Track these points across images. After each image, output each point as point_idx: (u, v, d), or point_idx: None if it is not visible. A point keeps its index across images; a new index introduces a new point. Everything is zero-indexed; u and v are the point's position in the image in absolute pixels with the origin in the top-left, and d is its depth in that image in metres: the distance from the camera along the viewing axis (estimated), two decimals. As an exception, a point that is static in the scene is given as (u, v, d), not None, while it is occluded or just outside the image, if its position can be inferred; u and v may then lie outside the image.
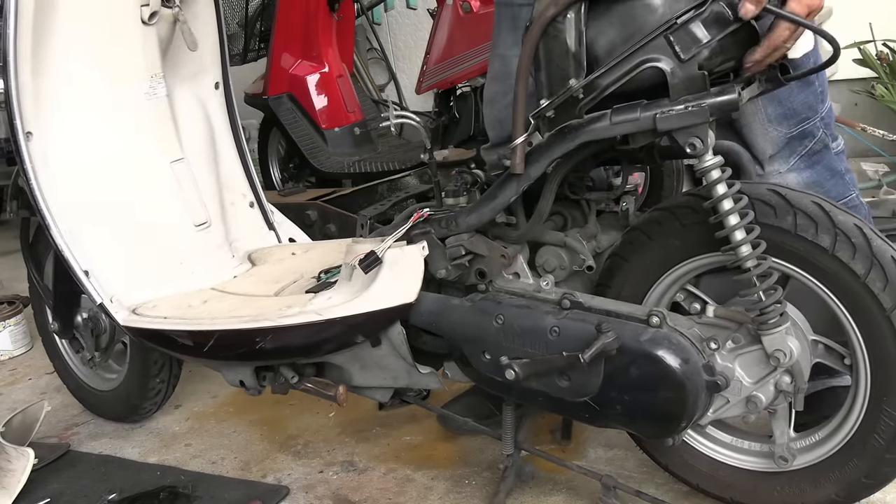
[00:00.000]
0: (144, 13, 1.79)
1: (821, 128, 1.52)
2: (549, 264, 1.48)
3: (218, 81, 2.04)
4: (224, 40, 2.03)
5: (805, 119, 1.50)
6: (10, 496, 1.72)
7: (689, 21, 1.17)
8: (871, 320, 1.23)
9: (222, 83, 2.05)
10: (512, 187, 1.36)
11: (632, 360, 1.29)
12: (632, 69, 1.21)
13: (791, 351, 1.29)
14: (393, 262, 1.46)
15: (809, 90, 1.50)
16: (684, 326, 1.32)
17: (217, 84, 2.04)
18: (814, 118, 1.51)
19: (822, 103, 1.53)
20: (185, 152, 1.94)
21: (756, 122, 1.49)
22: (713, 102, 1.18)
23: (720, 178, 1.24)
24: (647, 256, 1.38)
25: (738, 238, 1.24)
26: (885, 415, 1.26)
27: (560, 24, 1.24)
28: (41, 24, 1.66)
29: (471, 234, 1.44)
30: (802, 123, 1.50)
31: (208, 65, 2.01)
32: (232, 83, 2.08)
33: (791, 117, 1.49)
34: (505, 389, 1.46)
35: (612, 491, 1.50)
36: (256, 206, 2.11)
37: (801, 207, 1.24)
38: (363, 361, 1.56)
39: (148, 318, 1.71)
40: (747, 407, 1.35)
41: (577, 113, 1.26)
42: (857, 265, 1.21)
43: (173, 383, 2.11)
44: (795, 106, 1.49)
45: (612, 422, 1.38)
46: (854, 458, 1.31)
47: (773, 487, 1.41)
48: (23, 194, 1.82)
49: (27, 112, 1.67)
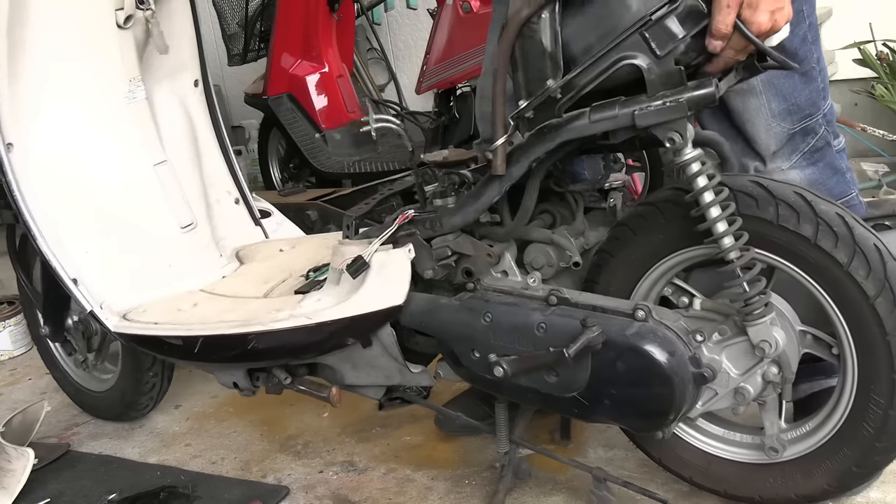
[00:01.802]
0: (119, 17, 1.78)
1: (823, 125, 1.51)
2: (537, 262, 1.48)
3: (197, 79, 2.03)
4: (201, 37, 2.01)
5: (808, 115, 1.50)
6: (10, 496, 1.73)
7: (663, 17, 1.18)
8: (856, 308, 1.23)
9: (202, 80, 2.04)
10: (494, 188, 1.37)
11: (618, 354, 1.29)
12: (608, 67, 1.22)
13: (776, 341, 1.29)
14: (380, 265, 1.46)
15: (812, 86, 1.49)
16: (670, 319, 1.32)
17: (196, 81, 2.03)
18: (816, 115, 1.50)
19: (823, 100, 1.52)
20: (168, 154, 1.94)
21: (759, 117, 1.49)
22: (691, 97, 1.18)
23: (700, 171, 1.24)
24: (632, 251, 1.38)
25: (720, 230, 1.24)
26: (872, 403, 1.26)
27: (535, 25, 1.25)
28: (15, 31, 1.65)
29: (456, 234, 1.45)
30: (805, 120, 1.50)
31: (187, 62, 2.00)
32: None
33: (794, 113, 1.49)
34: (495, 387, 1.46)
35: (602, 483, 1.50)
36: (242, 202, 2.11)
37: (783, 198, 1.24)
38: (354, 362, 1.57)
39: (139, 324, 1.72)
40: (735, 398, 1.34)
41: (556, 112, 1.27)
42: (840, 254, 1.21)
43: (168, 375, 2.11)
44: (799, 102, 1.48)
45: (602, 416, 1.38)
46: (844, 448, 1.31)
47: (765, 479, 1.40)
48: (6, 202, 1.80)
49: (6, 122, 1.66)
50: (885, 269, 1.20)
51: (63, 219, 1.74)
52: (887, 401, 1.24)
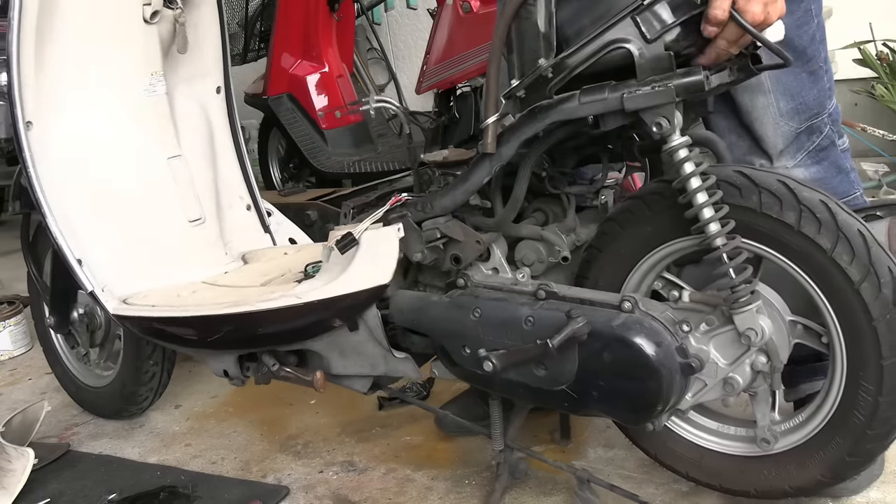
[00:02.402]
0: (146, 12, 1.83)
1: (828, 124, 1.51)
2: (528, 258, 1.49)
3: (219, 86, 2.06)
4: (227, 45, 2.05)
5: (815, 115, 1.49)
6: (10, 496, 1.74)
7: (655, 2, 1.19)
8: (842, 295, 1.22)
9: (224, 87, 2.07)
10: (485, 168, 1.38)
11: (604, 345, 1.29)
12: (600, 49, 1.23)
13: (763, 329, 1.28)
14: (369, 243, 1.48)
15: (819, 85, 1.49)
16: (657, 310, 1.32)
17: (219, 88, 2.06)
18: (822, 114, 1.50)
19: (829, 100, 1.52)
20: (183, 149, 1.97)
21: (768, 116, 1.48)
22: (679, 83, 1.19)
23: (688, 157, 1.24)
24: (620, 245, 1.38)
25: (706, 216, 1.24)
26: (862, 390, 1.25)
27: (531, 6, 1.27)
28: (44, 21, 1.69)
29: (447, 217, 1.45)
30: (812, 119, 1.49)
31: (210, 68, 2.04)
32: (232, 85, 2.10)
33: (802, 112, 1.49)
34: (486, 382, 1.46)
35: (585, 484, 1.50)
36: (253, 209, 2.13)
37: (766, 186, 1.23)
38: (342, 348, 1.57)
39: (136, 307, 1.74)
40: (725, 389, 1.34)
41: (547, 93, 1.28)
42: (823, 240, 1.20)
43: (168, 368, 2.11)
44: (807, 101, 1.48)
45: (591, 409, 1.38)
46: (836, 437, 1.30)
47: (759, 472, 1.39)
48: (25, 194, 1.85)
49: (28, 103, 1.70)
50: (870, 255, 1.19)
51: (74, 200, 1.77)
52: (876, 387, 1.23)
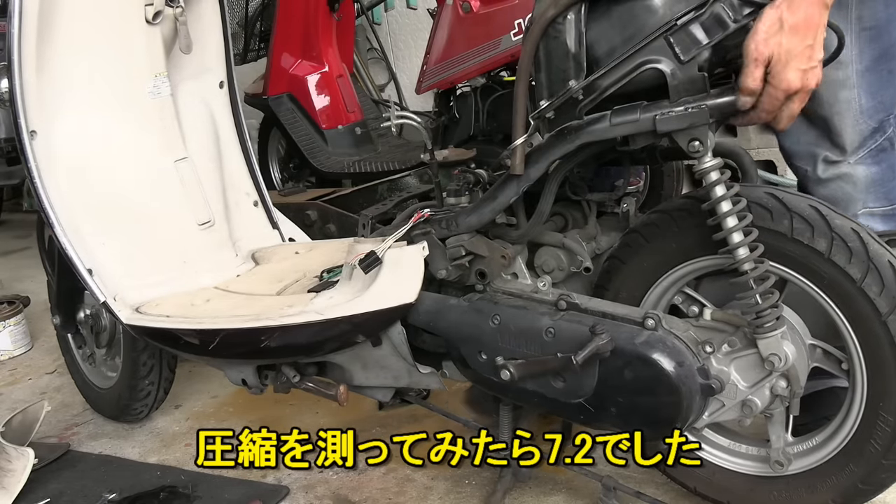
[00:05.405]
0: (148, 13, 1.80)
1: (892, 125, 1.50)
2: (548, 265, 1.48)
3: (222, 81, 2.04)
4: (228, 39, 2.03)
5: (887, 114, 1.48)
6: (10, 496, 1.72)
7: (688, 22, 1.18)
8: (868, 325, 1.22)
9: (227, 82, 2.05)
10: (512, 188, 1.37)
11: (626, 363, 1.29)
12: (632, 70, 1.21)
13: (786, 355, 1.28)
14: (393, 262, 1.46)
15: (892, 85, 1.48)
16: (680, 329, 1.32)
17: (221, 83, 2.04)
18: (891, 114, 1.49)
19: None
20: (189, 151, 1.94)
21: (850, 111, 1.46)
22: (713, 104, 1.18)
23: (719, 180, 1.24)
24: (644, 259, 1.38)
25: (735, 240, 1.23)
26: (881, 420, 1.26)
27: (560, 25, 1.24)
28: (45, 23, 1.66)
29: (471, 234, 1.44)
30: (884, 118, 1.48)
31: (213, 64, 2.02)
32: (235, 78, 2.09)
33: (879, 111, 1.47)
34: (501, 390, 1.46)
35: (612, 492, 1.50)
36: (261, 205, 2.11)
37: (798, 211, 1.23)
38: (364, 361, 1.56)
39: (150, 317, 1.71)
40: (742, 411, 1.34)
41: (577, 114, 1.26)
42: (854, 269, 1.21)
43: (165, 387, 2.11)
44: (884, 100, 1.47)
45: (607, 423, 1.38)
46: (850, 464, 1.31)
47: (769, 492, 1.40)
48: None
49: (31, 110, 1.67)
50: None
51: (82, 209, 1.74)
52: (896, 418, 1.24)
